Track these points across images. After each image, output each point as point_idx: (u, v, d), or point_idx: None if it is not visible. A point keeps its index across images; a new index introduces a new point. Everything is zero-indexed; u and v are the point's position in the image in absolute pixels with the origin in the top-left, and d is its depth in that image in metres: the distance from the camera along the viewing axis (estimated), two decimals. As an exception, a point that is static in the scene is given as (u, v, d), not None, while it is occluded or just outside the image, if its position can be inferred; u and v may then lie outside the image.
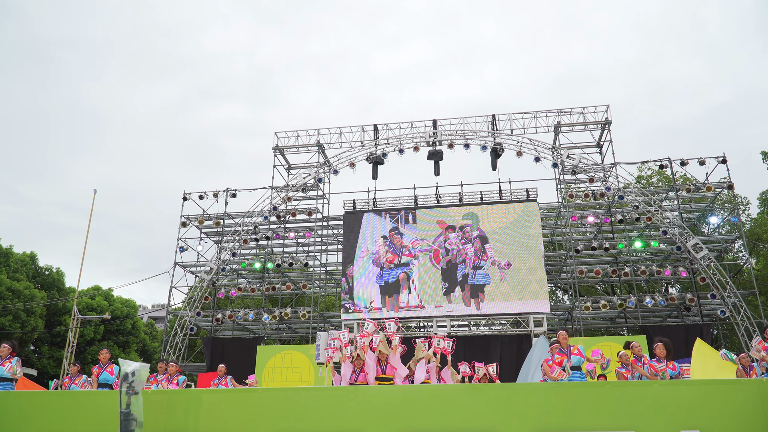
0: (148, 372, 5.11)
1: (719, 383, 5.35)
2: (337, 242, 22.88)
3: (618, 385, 5.43)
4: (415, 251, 19.47)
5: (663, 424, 4.51)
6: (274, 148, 22.63)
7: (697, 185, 19.36)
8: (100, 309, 30.18)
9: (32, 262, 30.73)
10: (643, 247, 19.80)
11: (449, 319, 18.72)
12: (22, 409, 5.53)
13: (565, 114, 21.27)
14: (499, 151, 20.40)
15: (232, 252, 20.93)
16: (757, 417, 4.42)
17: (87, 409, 5.37)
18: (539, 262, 18.62)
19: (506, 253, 18.89)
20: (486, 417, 4.80)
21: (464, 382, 7.02)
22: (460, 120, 21.28)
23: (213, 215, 21.78)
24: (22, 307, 25.61)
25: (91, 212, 21.31)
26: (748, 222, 25.43)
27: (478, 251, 19.07)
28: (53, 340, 29.79)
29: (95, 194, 21.48)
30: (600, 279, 21.10)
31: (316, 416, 5.04)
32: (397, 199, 20.92)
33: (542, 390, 5.11)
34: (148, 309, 51.58)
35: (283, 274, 22.79)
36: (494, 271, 18.74)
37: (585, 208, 21.72)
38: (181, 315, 20.75)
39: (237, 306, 23.91)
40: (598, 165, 20.08)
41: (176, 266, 21.53)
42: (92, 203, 21.18)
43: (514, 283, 18.53)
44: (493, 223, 19.38)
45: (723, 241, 21.54)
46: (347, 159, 21.21)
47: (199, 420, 5.15)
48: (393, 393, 5.26)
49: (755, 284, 18.45)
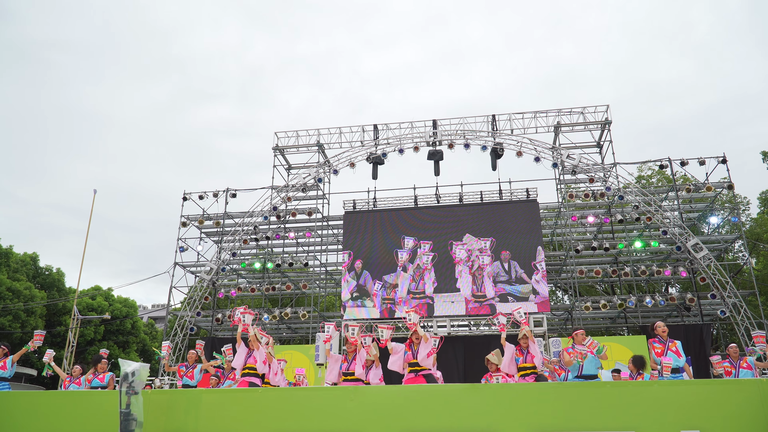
0: (148, 372, 5.10)
1: (719, 383, 5.35)
2: (337, 242, 22.88)
3: (618, 385, 5.43)
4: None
5: (663, 424, 4.51)
6: (274, 148, 22.63)
7: (697, 185, 19.35)
8: (100, 309, 30.19)
9: (32, 263, 30.73)
10: (643, 247, 19.80)
11: (449, 319, 18.73)
12: (22, 409, 5.53)
13: (565, 114, 21.28)
14: (499, 151, 20.40)
15: (232, 252, 20.93)
16: (757, 417, 4.42)
17: (87, 409, 5.36)
18: (539, 262, 18.62)
19: (512, 254, 18.88)
20: (486, 417, 4.80)
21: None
22: (460, 120, 21.28)
23: (213, 215, 21.78)
24: (22, 307, 25.60)
25: (91, 212, 21.34)
26: (748, 222, 25.42)
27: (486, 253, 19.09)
28: (53, 340, 29.76)
29: (95, 194, 21.49)
30: (600, 279, 21.10)
31: (316, 416, 5.04)
32: (397, 199, 20.93)
33: (542, 390, 5.10)
34: (148, 309, 51.57)
35: (283, 274, 22.78)
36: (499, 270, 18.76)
37: (585, 208, 21.72)
38: (181, 315, 20.75)
39: (237, 306, 23.88)
40: (598, 165, 20.08)
41: (176, 266, 21.53)
42: (92, 203, 21.21)
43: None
44: (493, 223, 19.38)
45: (723, 241, 21.53)
46: (347, 159, 21.21)
47: (199, 420, 5.15)
48: (393, 393, 5.26)
49: (755, 284, 18.44)
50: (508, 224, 19.24)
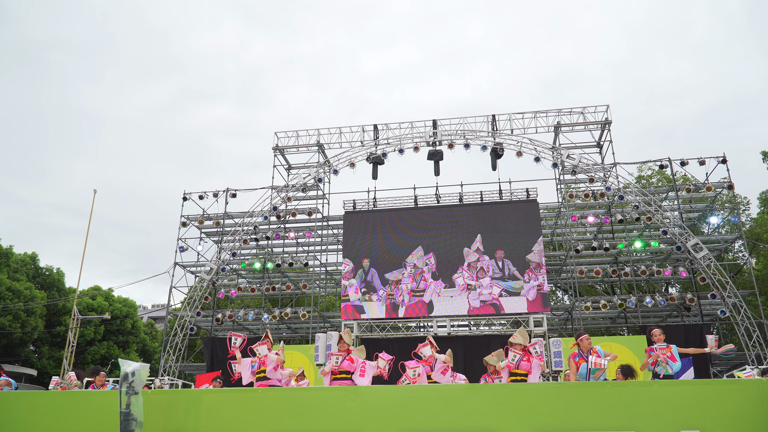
0: (148, 372, 5.10)
1: (719, 383, 5.35)
2: (337, 242, 22.87)
3: (618, 385, 5.43)
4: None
5: (663, 424, 4.51)
6: (274, 148, 22.63)
7: (697, 185, 19.35)
8: (101, 309, 30.18)
9: (32, 263, 30.73)
10: (643, 247, 19.80)
11: (449, 319, 18.73)
12: (22, 409, 5.53)
13: (565, 114, 21.28)
14: (499, 151, 20.40)
15: (232, 252, 20.93)
16: (757, 417, 4.42)
17: (87, 409, 5.36)
18: (539, 262, 18.62)
19: (506, 252, 18.88)
20: (486, 417, 4.80)
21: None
22: (460, 120, 21.28)
23: (213, 215, 21.78)
24: (22, 307, 25.61)
25: (91, 212, 21.34)
26: (748, 222, 25.42)
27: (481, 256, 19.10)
28: (53, 340, 29.81)
29: (95, 194, 21.49)
30: (600, 279, 21.10)
31: (315, 416, 5.04)
32: (397, 199, 20.92)
33: (542, 390, 5.11)
34: (148, 309, 51.58)
35: (283, 274, 22.78)
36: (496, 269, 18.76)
37: (585, 208, 21.72)
38: (181, 315, 20.75)
39: (237, 306, 23.91)
40: (598, 165, 20.07)
41: (176, 266, 21.54)
42: (92, 203, 21.21)
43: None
44: (493, 223, 19.37)
45: (723, 241, 21.53)
46: (347, 159, 21.21)
47: (199, 420, 5.15)
48: (393, 393, 5.26)
49: (755, 284, 18.44)
50: (508, 224, 19.23)
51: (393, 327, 20.72)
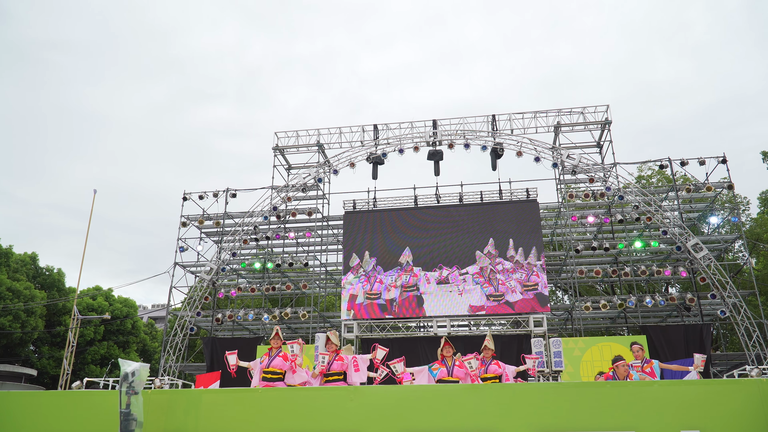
0: (148, 372, 5.10)
1: (719, 383, 5.35)
2: (337, 242, 22.87)
3: (618, 385, 5.43)
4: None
5: (663, 424, 4.51)
6: (274, 148, 22.63)
7: (697, 185, 19.35)
8: (101, 309, 30.19)
9: (32, 263, 30.73)
10: (643, 247, 19.80)
11: (449, 319, 18.72)
12: (22, 409, 5.53)
13: (565, 114, 21.28)
14: (499, 151, 20.40)
15: (232, 252, 20.92)
16: (757, 417, 4.42)
17: (87, 409, 5.36)
18: (539, 261, 18.62)
19: (506, 252, 18.88)
20: (486, 417, 4.80)
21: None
22: (460, 120, 21.28)
23: (213, 215, 21.78)
24: (22, 307, 25.61)
25: (91, 212, 21.33)
26: (748, 222, 25.41)
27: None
28: (53, 340, 29.80)
29: (95, 194, 21.49)
30: (600, 279, 21.10)
31: (315, 416, 5.04)
32: (397, 199, 20.92)
33: (542, 390, 5.10)
34: (148, 309, 51.60)
35: (283, 274, 22.78)
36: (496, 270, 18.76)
37: (585, 208, 21.72)
38: (181, 315, 20.75)
39: (237, 306, 23.91)
40: (598, 165, 20.08)
41: (176, 266, 21.54)
42: (92, 203, 21.20)
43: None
44: (493, 223, 19.37)
45: (723, 241, 21.53)
46: (347, 159, 21.21)
47: (199, 420, 5.14)
48: (393, 393, 5.26)
49: (755, 284, 18.44)
50: (508, 224, 19.23)
51: (393, 327, 20.72)
